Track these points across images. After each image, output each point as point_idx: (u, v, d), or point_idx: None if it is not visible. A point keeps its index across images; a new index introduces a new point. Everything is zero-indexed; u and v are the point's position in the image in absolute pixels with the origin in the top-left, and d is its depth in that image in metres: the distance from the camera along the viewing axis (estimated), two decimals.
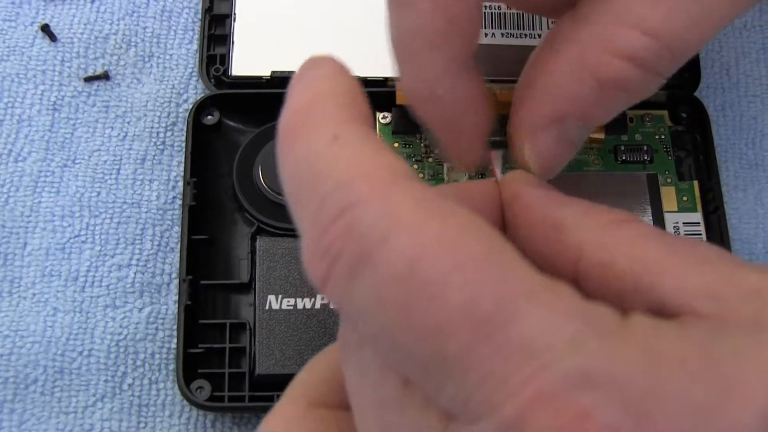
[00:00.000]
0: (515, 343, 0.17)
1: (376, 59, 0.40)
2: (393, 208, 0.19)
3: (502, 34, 0.41)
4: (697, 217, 0.38)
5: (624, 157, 0.39)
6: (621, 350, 0.18)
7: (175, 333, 0.37)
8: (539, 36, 0.41)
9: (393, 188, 0.19)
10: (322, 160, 0.20)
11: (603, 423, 0.17)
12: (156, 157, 0.40)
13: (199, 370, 0.36)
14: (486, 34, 0.41)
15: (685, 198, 0.39)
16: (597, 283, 0.22)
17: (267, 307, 0.36)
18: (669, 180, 0.39)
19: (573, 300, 0.19)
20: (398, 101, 0.38)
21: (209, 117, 0.39)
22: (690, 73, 0.41)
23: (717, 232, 0.38)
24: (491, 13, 0.41)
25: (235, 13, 0.41)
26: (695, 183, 0.39)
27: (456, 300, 0.18)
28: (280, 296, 0.36)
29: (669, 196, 0.39)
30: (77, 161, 0.40)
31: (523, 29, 0.41)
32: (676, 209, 0.39)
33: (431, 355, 0.18)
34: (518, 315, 0.18)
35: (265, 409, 0.26)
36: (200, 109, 0.39)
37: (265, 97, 0.39)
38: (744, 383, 0.17)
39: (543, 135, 0.28)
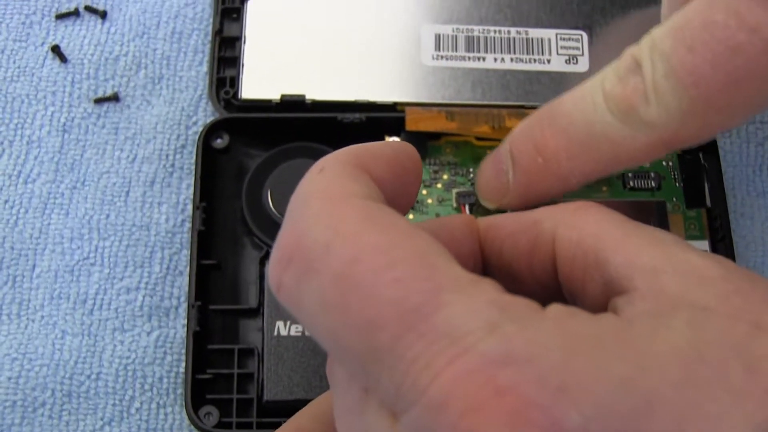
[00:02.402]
0: (439, 330, 0.19)
1: (385, 84, 0.40)
2: (337, 221, 0.21)
3: (511, 59, 0.41)
4: (704, 245, 0.39)
5: (632, 184, 0.39)
6: (536, 331, 0.19)
7: (183, 357, 0.37)
8: (548, 61, 0.41)
9: (341, 205, 0.21)
10: (303, 185, 0.23)
11: (521, 396, 0.18)
12: (165, 180, 0.40)
13: (207, 396, 0.36)
14: (495, 59, 0.41)
15: (692, 226, 0.39)
16: (567, 262, 0.24)
17: (275, 333, 0.36)
18: (677, 207, 0.39)
19: (494, 292, 0.20)
20: (408, 127, 0.38)
21: (219, 140, 0.40)
22: None
23: None
24: (500, 38, 0.41)
25: (245, 36, 0.41)
26: (703, 211, 0.39)
27: (387, 295, 0.19)
28: (288, 322, 0.36)
29: (677, 223, 0.39)
30: (86, 183, 0.40)
31: (532, 54, 0.41)
32: (684, 237, 0.39)
33: (367, 349, 0.19)
34: (442, 306, 0.19)
35: None
36: (210, 132, 0.39)
37: (275, 121, 0.39)
38: (658, 358, 0.19)
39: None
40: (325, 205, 0.21)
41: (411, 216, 0.38)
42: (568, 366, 0.18)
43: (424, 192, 0.39)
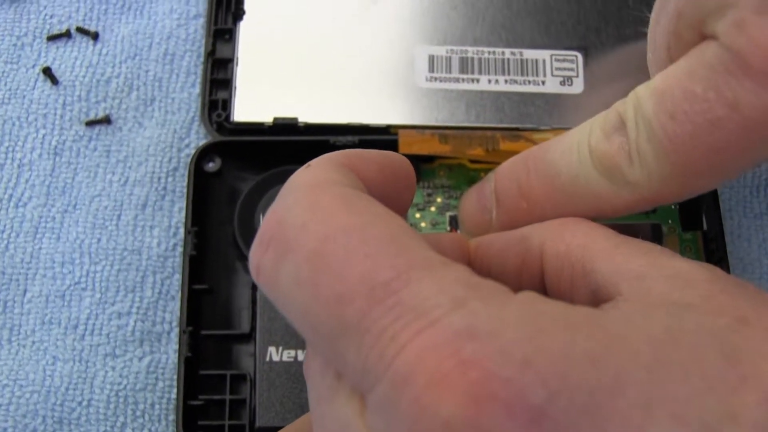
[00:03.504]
0: (406, 305, 0.19)
1: (379, 106, 0.40)
2: (315, 204, 0.21)
3: (506, 81, 0.41)
4: None
5: None
6: (502, 308, 0.19)
7: (175, 383, 0.37)
8: (543, 83, 0.41)
9: (320, 190, 0.22)
10: (289, 179, 0.23)
11: (484, 370, 0.18)
12: (157, 203, 0.40)
13: (200, 422, 0.36)
14: (489, 81, 0.41)
15: (688, 248, 0.38)
16: (555, 274, 0.24)
17: (267, 359, 0.36)
18: (673, 230, 0.39)
19: (464, 273, 0.20)
20: (401, 150, 0.38)
21: (211, 164, 0.39)
22: None
23: None
24: (494, 59, 0.41)
25: (237, 57, 0.41)
26: (699, 233, 0.39)
27: (357, 271, 0.20)
28: (280, 348, 0.36)
29: (673, 246, 0.39)
30: (78, 207, 0.40)
31: (527, 75, 0.41)
32: None
33: (336, 323, 0.20)
34: (410, 281, 0.19)
35: None
36: (202, 155, 0.39)
37: (267, 144, 0.39)
38: (629, 339, 0.19)
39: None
40: (305, 191, 0.22)
41: None
42: (534, 341, 0.18)
43: (418, 215, 0.39)
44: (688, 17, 0.23)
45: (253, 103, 0.40)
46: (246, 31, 0.41)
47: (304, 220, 0.21)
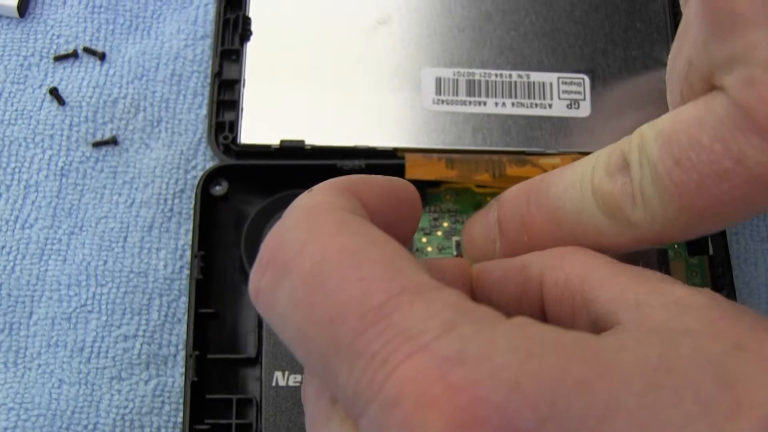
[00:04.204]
0: (397, 328, 0.19)
1: (386, 129, 0.40)
2: (313, 226, 0.21)
3: (513, 104, 0.41)
4: None
5: None
6: (493, 333, 0.19)
7: (181, 406, 0.37)
8: (550, 106, 0.40)
9: (319, 214, 0.22)
10: (291, 204, 0.23)
11: (473, 394, 0.18)
12: (164, 225, 0.40)
13: None
14: (496, 104, 0.41)
15: (694, 273, 0.38)
16: (555, 304, 0.24)
17: (274, 384, 0.36)
18: (679, 254, 0.39)
19: (456, 297, 0.20)
20: (407, 175, 0.38)
21: (217, 187, 0.39)
22: None
23: None
24: (501, 81, 0.41)
25: (244, 79, 0.41)
26: (705, 258, 0.39)
27: (350, 293, 0.20)
28: (287, 372, 0.36)
29: (679, 271, 0.39)
30: (84, 228, 0.40)
31: (534, 98, 0.41)
32: None
33: (329, 344, 0.20)
34: (402, 305, 0.19)
35: None
36: (208, 179, 0.39)
37: (274, 168, 0.39)
38: (621, 366, 0.19)
39: None
40: (304, 215, 0.22)
41: None
42: (524, 365, 0.18)
43: (424, 240, 0.39)
44: (697, 67, 0.23)
45: (260, 125, 0.40)
46: (253, 52, 0.41)
47: (301, 242, 0.21)
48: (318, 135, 0.40)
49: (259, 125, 0.40)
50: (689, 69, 0.24)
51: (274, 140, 0.39)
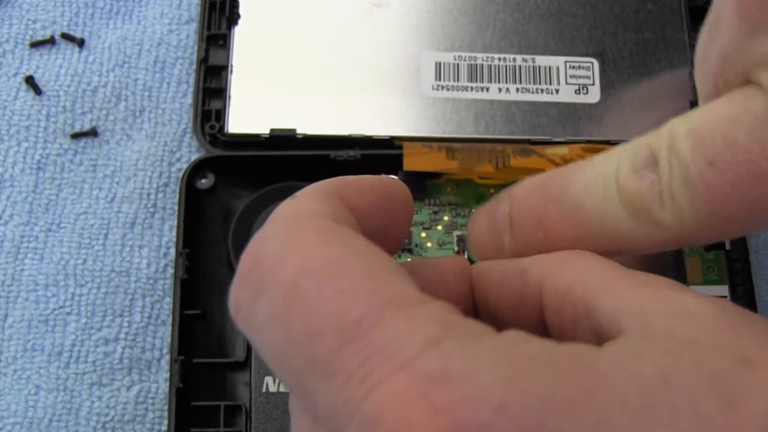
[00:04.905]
0: (377, 345, 0.18)
1: (382, 116, 0.38)
2: (293, 237, 0.20)
3: (517, 90, 0.38)
4: (724, 289, 0.36)
5: None
6: (478, 350, 0.18)
7: (166, 414, 0.35)
8: (556, 91, 0.38)
9: (299, 223, 0.21)
10: (273, 211, 0.22)
11: (455, 416, 0.17)
12: (146, 221, 0.38)
13: None
14: (500, 89, 0.38)
15: (711, 269, 0.36)
16: (555, 313, 0.23)
17: (264, 390, 0.34)
18: (695, 250, 0.37)
19: (442, 311, 0.19)
20: (405, 166, 0.36)
21: (203, 180, 0.37)
22: None
23: (744, 306, 0.36)
24: (505, 66, 0.39)
25: (232, 65, 0.39)
26: (722, 253, 0.37)
27: (329, 307, 0.19)
28: (277, 378, 0.34)
29: (694, 267, 0.37)
30: (62, 225, 0.38)
31: (539, 84, 0.38)
32: (701, 281, 0.36)
33: (307, 362, 0.19)
34: (383, 320, 0.19)
35: None
36: (194, 171, 0.37)
37: (263, 159, 0.37)
38: (615, 383, 0.18)
39: None
40: (284, 224, 0.21)
41: (409, 259, 0.36)
42: (511, 384, 0.18)
43: (423, 234, 0.37)
44: (734, 63, 0.22)
45: (249, 113, 0.38)
46: (241, 36, 0.39)
47: (280, 254, 0.20)
48: (310, 123, 0.37)
49: (248, 113, 0.38)
50: (724, 65, 0.22)
51: (263, 129, 0.37)
